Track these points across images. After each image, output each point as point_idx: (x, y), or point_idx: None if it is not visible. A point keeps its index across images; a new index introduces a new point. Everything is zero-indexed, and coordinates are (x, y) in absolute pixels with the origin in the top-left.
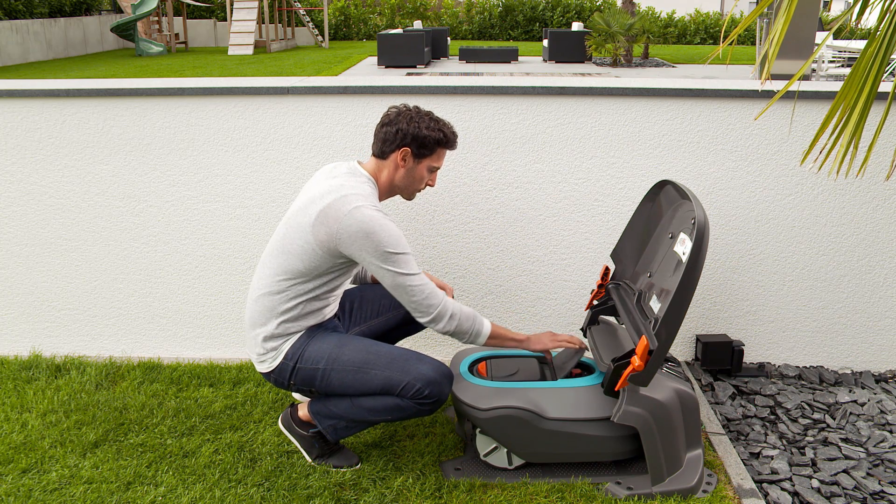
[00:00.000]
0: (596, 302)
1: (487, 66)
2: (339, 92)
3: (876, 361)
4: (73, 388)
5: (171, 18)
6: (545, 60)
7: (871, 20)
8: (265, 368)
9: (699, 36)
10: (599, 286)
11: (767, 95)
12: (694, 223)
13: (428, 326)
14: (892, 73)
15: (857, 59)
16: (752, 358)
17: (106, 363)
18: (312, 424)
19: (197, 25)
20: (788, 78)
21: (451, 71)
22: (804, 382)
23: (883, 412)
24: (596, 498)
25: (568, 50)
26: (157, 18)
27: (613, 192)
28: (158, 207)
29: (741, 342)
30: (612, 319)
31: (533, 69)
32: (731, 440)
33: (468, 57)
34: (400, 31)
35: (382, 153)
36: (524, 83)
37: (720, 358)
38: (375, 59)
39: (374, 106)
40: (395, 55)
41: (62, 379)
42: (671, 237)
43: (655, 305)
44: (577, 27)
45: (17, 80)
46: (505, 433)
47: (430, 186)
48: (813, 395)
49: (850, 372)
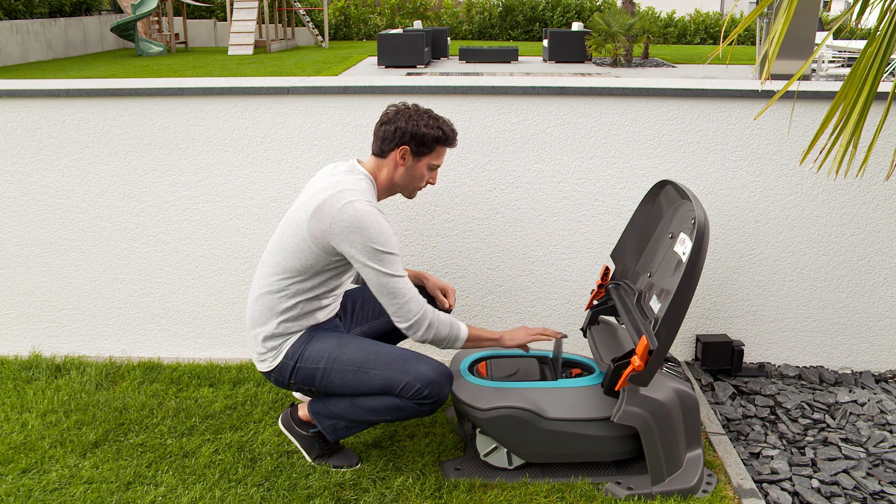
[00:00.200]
0: (596, 302)
1: (487, 66)
2: (339, 92)
3: (876, 361)
4: (73, 388)
5: (171, 18)
6: (545, 60)
7: (871, 20)
8: (265, 368)
9: (699, 36)
10: (599, 286)
11: (767, 95)
12: (694, 223)
13: (406, 333)
14: (891, 73)
15: (856, 59)
16: (752, 358)
17: (106, 363)
18: (312, 424)
19: (197, 25)
20: (788, 78)
21: (451, 71)
22: (804, 382)
23: (883, 412)
24: (596, 498)
25: (568, 50)
26: (157, 18)
27: (613, 192)
28: (158, 207)
29: (741, 342)
30: (612, 319)
31: (533, 69)
32: (731, 440)
33: (468, 57)
34: (400, 31)
35: (382, 152)
36: (524, 83)
37: (720, 358)
38: (375, 59)
39: (374, 106)
40: (395, 55)
41: (62, 379)
42: (671, 237)
43: (655, 305)
44: (577, 27)
45: (17, 80)
46: (505, 433)
47: (431, 184)
48: (813, 395)
49: (850, 372)
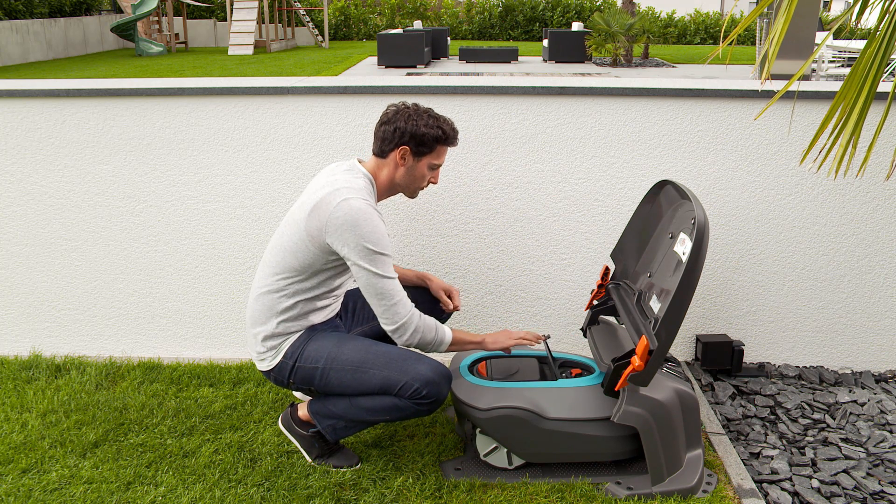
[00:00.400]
0: (596, 302)
1: (487, 66)
2: (339, 92)
3: (876, 361)
4: (73, 388)
5: (171, 18)
6: (545, 60)
7: (871, 20)
8: (265, 367)
9: (699, 36)
10: (599, 286)
11: (767, 95)
12: (694, 223)
13: (391, 336)
14: (891, 73)
15: (856, 59)
16: (752, 358)
17: (106, 363)
18: (312, 424)
19: (197, 25)
20: (788, 78)
21: (451, 71)
22: (804, 382)
23: (883, 412)
24: (596, 498)
25: (568, 50)
26: (157, 18)
27: (613, 192)
28: (158, 207)
29: (741, 342)
30: (612, 319)
31: (533, 69)
32: (731, 440)
33: (468, 57)
34: (400, 31)
35: (382, 152)
36: (524, 83)
37: (720, 358)
38: (375, 59)
39: (374, 106)
40: (395, 55)
41: (62, 379)
42: (671, 237)
43: (655, 305)
44: (577, 27)
45: (17, 80)
46: (505, 433)
47: (433, 184)
48: (813, 395)
49: (850, 372)
